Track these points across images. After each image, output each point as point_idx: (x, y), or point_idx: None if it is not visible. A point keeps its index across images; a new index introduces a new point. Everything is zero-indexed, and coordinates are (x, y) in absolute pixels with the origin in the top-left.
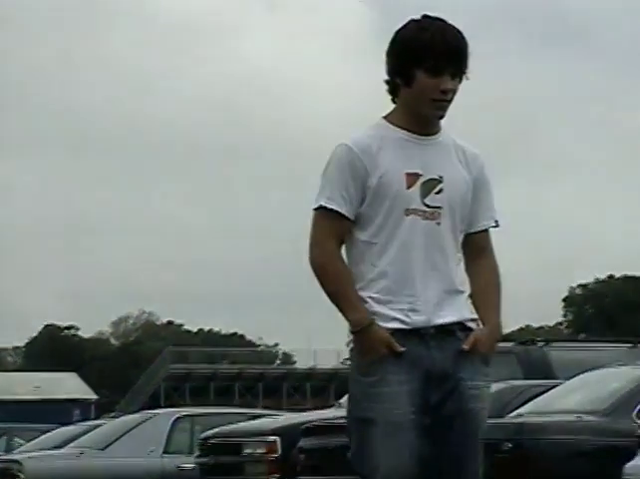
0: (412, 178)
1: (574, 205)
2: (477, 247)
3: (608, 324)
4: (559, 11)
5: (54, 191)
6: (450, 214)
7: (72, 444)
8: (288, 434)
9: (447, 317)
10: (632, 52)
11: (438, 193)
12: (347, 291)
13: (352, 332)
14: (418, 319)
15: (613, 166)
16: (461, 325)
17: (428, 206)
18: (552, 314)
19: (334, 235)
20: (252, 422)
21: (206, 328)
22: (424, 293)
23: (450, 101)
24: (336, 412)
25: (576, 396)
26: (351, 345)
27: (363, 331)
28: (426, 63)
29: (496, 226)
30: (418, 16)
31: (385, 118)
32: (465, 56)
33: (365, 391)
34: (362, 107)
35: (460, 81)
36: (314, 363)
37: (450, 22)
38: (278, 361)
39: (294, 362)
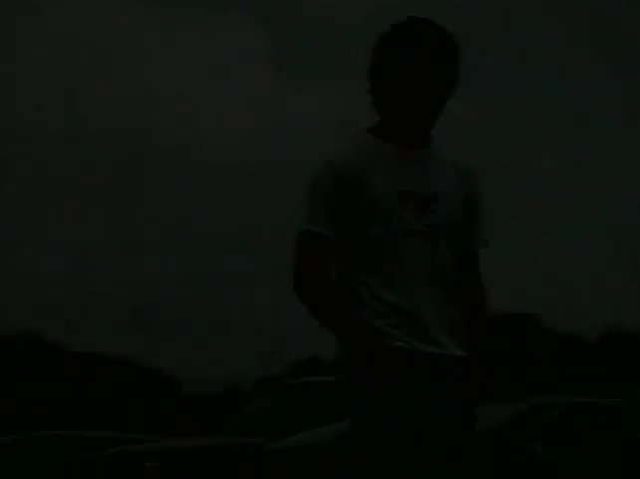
0: (406, 197)
1: (494, 246)
2: (464, 270)
3: None
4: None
5: None
6: (446, 233)
7: None
8: (169, 459)
9: (454, 350)
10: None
11: (432, 211)
12: (338, 314)
13: (341, 345)
14: (425, 348)
15: (533, 207)
16: (460, 361)
17: (424, 226)
18: None
19: (319, 260)
20: (133, 446)
21: None
22: (429, 324)
23: (438, 109)
24: (219, 439)
25: None
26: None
27: (353, 339)
28: (409, 68)
29: (486, 246)
30: (403, 19)
31: (370, 130)
32: (453, 60)
33: (374, 416)
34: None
35: (450, 88)
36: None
37: (437, 24)
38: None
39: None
